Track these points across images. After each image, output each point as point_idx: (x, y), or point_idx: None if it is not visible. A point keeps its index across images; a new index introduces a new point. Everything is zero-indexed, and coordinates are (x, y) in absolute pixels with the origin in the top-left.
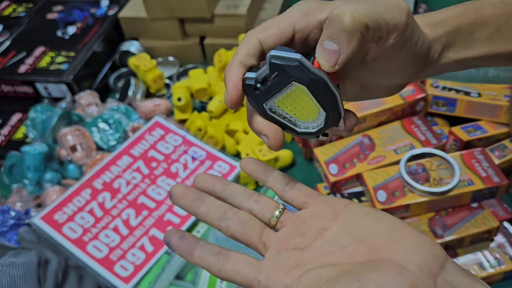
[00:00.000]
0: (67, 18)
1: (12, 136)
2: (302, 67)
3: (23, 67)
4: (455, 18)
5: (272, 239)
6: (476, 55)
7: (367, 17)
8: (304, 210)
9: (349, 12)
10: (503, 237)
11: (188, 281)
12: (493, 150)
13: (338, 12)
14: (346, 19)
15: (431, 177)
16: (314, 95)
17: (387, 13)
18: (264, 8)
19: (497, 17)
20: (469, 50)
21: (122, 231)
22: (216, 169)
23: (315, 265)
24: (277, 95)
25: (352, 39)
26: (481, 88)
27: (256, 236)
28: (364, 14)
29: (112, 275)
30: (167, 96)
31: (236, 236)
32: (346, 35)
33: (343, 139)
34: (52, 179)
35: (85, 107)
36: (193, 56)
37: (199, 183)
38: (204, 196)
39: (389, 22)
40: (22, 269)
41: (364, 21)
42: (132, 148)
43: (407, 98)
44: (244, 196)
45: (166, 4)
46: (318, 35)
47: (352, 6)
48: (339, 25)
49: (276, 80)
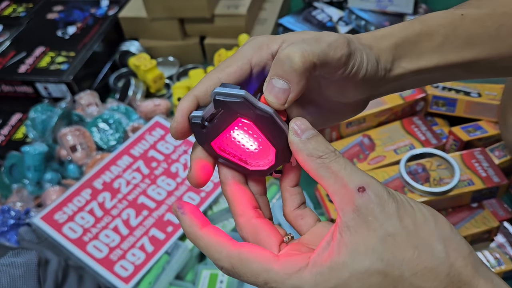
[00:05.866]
0: (67, 18)
1: (12, 136)
2: (248, 103)
3: (23, 67)
4: (401, 30)
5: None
6: (429, 65)
7: (315, 57)
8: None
9: (299, 52)
10: (503, 237)
11: (188, 281)
12: (493, 150)
13: (288, 52)
14: (296, 59)
15: (431, 177)
16: (262, 131)
17: (330, 49)
18: (264, 8)
19: (444, 27)
20: (421, 60)
21: (122, 231)
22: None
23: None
24: (224, 132)
25: (302, 79)
26: (481, 88)
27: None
28: (313, 54)
29: (112, 275)
30: (167, 96)
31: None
32: (296, 75)
33: (343, 139)
34: (52, 179)
35: (85, 107)
36: (193, 56)
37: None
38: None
39: (333, 57)
40: (22, 269)
41: (313, 61)
42: (132, 148)
43: (407, 98)
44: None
45: (166, 4)
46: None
47: (300, 46)
48: (290, 65)
49: (222, 117)
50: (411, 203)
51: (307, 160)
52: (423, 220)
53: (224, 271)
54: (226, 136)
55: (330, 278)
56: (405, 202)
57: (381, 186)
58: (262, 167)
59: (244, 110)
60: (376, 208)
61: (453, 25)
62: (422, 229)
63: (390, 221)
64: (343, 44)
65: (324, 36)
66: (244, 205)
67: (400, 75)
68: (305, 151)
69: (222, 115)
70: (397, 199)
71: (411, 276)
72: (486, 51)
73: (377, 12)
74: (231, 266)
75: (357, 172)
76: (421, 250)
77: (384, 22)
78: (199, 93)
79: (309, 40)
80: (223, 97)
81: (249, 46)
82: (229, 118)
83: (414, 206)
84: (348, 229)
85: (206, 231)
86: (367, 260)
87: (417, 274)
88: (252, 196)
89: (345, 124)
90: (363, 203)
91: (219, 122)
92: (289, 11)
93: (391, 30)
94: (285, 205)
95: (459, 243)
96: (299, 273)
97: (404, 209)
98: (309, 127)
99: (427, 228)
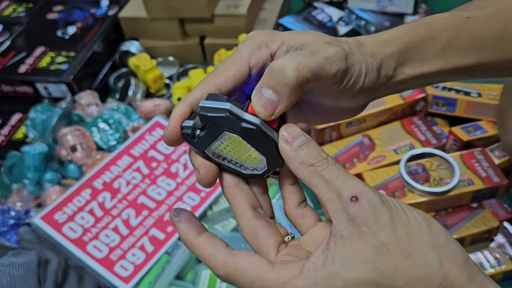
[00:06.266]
0: (67, 18)
1: (12, 136)
2: (232, 117)
3: (23, 67)
4: (405, 34)
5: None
6: (432, 70)
7: (309, 71)
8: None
9: (294, 66)
10: (503, 237)
11: (188, 281)
12: (493, 150)
13: (282, 65)
14: (290, 73)
15: (431, 177)
16: (249, 143)
17: (326, 64)
18: (264, 8)
19: (448, 30)
20: (424, 65)
21: (122, 231)
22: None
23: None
24: (215, 143)
25: (293, 93)
26: (481, 88)
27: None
28: (308, 68)
29: (112, 275)
30: (167, 96)
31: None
32: (288, 89)
33: (343, 139)
34: (52, 179)
35: (85, 107)
36: (193, 56)
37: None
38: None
39: (329, 72)
40: (22, 269)
41: (307, 76)
42: (132, 148)
43: (407, 98)
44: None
45: (166, 4)
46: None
47: (295, 59)
48: (283, 78)
49: (209, 130)
50: (406, 211)
51: (299, 168)
52: (417, 229)
53: (220, 278)
54: (217, 145)
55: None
56: (399, 210)
57: (374, 194)
58: (257, 172)
59: (230, 124)
60: (369, 217)
61: (458, 28)
62: (415, 238)
63: (383, 231)
64: (340, 59)
65: (322, 50)
66: (244, 206)
67: (401, 80)
68: (297, 159)
69: (210, 128)
70: (391, 207)
71: (404, 285)
72: (490, 53)
73: (377, 12)
74: (226, 274)
75: (350, 180)
76: (414, 259)
77: (384, 22)
78: (194, 100)
79: (305, 53)
80: (208, 112)
81: (247, 46)
82: (215, 131)
83: (409, 214)
84: (342, 239)
85: (202, 239)
86: (360, 270)
87: (410, 284)
88: (253, 196)
89: (345, 124)
90: (357, 213)
91: (208, 134)
92: (289, 11)
93: (396, 34)
94: (285, 204)
95: (453, 251)
96: (293, 282)
97: (398, 217)
98: (300, 133)
99: (421, 237)
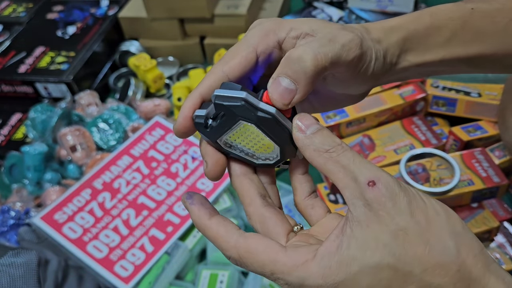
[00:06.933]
0: (67, 18)
1: (12, 136)
2: (248, 106)
3: (23, 67)
4: (411, 22)
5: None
6: (435, 59)
7: (327, 60)
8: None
9: (312, 55)
10: (503, 237)
11: (188, 281)
12: (493, 150)
13: (301, 54)
14: (308, 62)
15: (431, 177)
16: (264, 132)
17: (343, 51)
18: (264, 8)
19: (453, 21)
20: (427, 54)
21: (122, 231)
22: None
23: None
24: (228, 132)
25: (311, 82)
26: (481, 88)
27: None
28: (326, 57)
29: (112, 275)
30: (167, 96)
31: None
32: (306, 77)
33: (343, 139)
34: (52, 179)
35: (85, 107)
36: (193, 56)
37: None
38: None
39: (346, 59)
40: (22, 269)
41: (325, 65)
42: (132, 148)
43: (407, 98)
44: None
45: (166, 4)
46: (279, 54)
47: (314, 48)
48: (301, 67)
49: (224, 119)
50: (423, 198)
51: (314, 155)
52: (435, 215)
53: (232, 260)
54: (230, 135)
55: (339, 272)
56: (417, 197)
57: (392, 179)
58: (269, 161)
59: (245, 113)
60: (387, 202)
61: (463, 20)
62: (434, 225)
63: (401, 216)
64: (356, 46)
65: (338, 36)
66: (253, 194)
67: (404, 68)
68: (312, 146)
69: (224, 117)
70: (409, 193)
71: (422, 271)
72: (493, 46)
73: (377, 12)
74: (238, 256)
75: (366, 165)
76: (432, 246)
77: None
78: (203, 90)
79: (322, 41)
80: (223, 101)
81: (255, 33)
82: (230, 120)
83: (426, 201)
84: (359, 224)
85: (214, 221)
86: (378, 254)
87: (428, 270)
88: (261, 186)
89: (345, 124)
90: (374, 197)
91: (221, 123)
92: (289, 11)
93: (401, 22)
94: (295, 194)
95: (470, 240)
96: (306, 265)
97: (416, 203)
98: (313, 122)
99: (439, 224)
